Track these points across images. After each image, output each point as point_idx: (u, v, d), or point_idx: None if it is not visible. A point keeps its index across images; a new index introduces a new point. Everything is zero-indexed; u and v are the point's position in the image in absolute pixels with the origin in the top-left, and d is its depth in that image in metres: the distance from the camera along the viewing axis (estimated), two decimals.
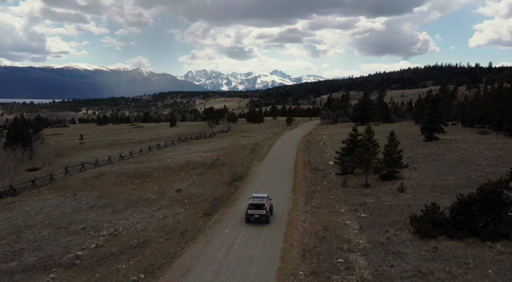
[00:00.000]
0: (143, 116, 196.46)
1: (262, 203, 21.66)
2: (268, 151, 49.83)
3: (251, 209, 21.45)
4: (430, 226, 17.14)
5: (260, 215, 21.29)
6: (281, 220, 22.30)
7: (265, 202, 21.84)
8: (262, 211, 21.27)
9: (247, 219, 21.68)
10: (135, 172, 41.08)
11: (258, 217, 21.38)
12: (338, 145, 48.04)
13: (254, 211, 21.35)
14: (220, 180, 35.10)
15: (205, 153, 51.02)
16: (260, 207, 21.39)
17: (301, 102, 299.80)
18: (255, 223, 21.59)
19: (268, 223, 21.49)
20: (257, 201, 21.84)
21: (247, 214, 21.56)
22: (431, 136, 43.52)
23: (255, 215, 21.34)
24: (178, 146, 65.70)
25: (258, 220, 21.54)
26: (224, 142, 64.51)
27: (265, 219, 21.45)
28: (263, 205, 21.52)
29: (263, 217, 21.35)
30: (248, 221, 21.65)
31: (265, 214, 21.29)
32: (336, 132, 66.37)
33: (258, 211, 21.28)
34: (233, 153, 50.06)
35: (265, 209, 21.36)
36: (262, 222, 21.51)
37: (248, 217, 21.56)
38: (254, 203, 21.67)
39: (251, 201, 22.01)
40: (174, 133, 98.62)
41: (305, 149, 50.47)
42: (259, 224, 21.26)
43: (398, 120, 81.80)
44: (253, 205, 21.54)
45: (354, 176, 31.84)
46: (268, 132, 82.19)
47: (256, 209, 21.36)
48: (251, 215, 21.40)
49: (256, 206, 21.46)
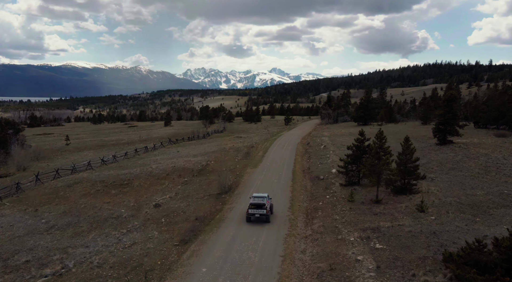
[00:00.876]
0: (139, 115, 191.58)
1: (262, 202, 21.97)
2: (263, 156, 45.30)
3: (252, 209, 21.78)
4: (474, 272, 12.65)
5: (261, 215, 21.63)
6: (275, 251, 17.80)
7: (265, 202, 22.16)
8: (263, 211, 21.62)
9: (248, 219, 21.96)
10: (114, 181, 36.55)
11: (258, 217, 21.71)
12: (341, 149, 43.69)
13: (254, 210, 21.68)
14: (207, 191, 30.61)
15: (195, 157, 46.48)
16: (260, 207, 21.72)
17: (300, 100, 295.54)
18: (239, 262, 17.10)
19: (268, 222, 21.77)
20: (258, 200, 22.16)
21: (248, 213, 21.85)
22: (444, 140, 39.05)
23: (256, 215, 21.67)
24: (168, 148, 61.14)
25: (258, 220, 21.78)
26: (217, 144, 59.99)
27: (266, 218, 21.80)
28: (264, 205, 21.84)
29: (263, 216, 21.69)
30: (249, 221, 21.92)
31: (266, 213, 21.66)
32: (337, 133, 61.87)
33: (259, 211, 21.61)
34: (225, 157, 45.54)
35: (265, 209, 21.71)
36: (262, 221, 21.78)
37: (249, 216, 21.87)
38: (254, 202, 21.98)
39: (252, 200, 22.28)
40: (167, 133, 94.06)
41: (305, 153, 45.97)
42: (246, 262, 16.63)
43: (402, 120, 77.31)
44: (253, 205, 21.84)
45: (361, 188, 27.37)
46: (265, 133, 77.64)
47: (257, 209, 21.67)
48: (252, 214, 21.74)
49: (256, 205, 21.78)
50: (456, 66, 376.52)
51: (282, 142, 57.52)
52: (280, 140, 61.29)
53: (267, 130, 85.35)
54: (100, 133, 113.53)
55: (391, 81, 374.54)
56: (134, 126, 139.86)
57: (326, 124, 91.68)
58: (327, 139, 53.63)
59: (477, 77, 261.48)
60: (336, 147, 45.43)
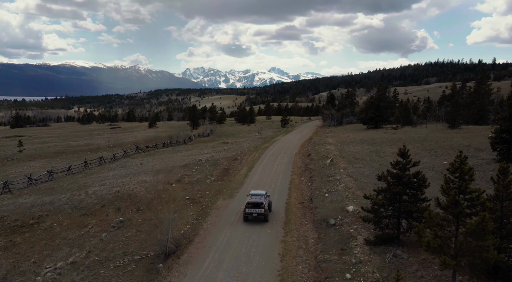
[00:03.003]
0: (127, 115, 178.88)
1: (260, 201, 20.83)
2: (247, 174, 32.90)
3: (249, 208, 20.63)
4: None
5: (259, 214, 20.49)
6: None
7: (263, 200, 20.99)
8: (261, 210, 20.48)
9: (245, 218, 20.78)
10: (17, 218, 24.28)
11: (256, 216, 20.56)
12: (355, 166, 31.45)
13: (252, 209, 20.53)
14: (142, 248, 18.35)
15: (156, 174, 34.15)
16: (258, 206, 20.64)
17: (299, 100, 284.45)
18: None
19: (267, 221, 20.51)
20: (255, 199, 21.02)
21: (245, 213, 20.67)
22: (510, 154, 26.69)
23: (253, 214, 20.51)
24: (132, 158, 48.84)
25: (256, 219, 20.60)
26: (194, 154, 47.71)
27: (264, 217, 20.64)
28: (262, 204, 20.75)
29: (261, 215, 20.54)
30: (246, 220, 20.71)
31: (264, 212, 20.48)
32: (345, 140, 49.56)
33: (257, 210, 20.48)
34: (196, 175, 33.22)
35: (263, 208, 20.59)
36: (260, 220, 20.60)
37: (246, 216, 20.67)
38: (252, 201, 20.86)
39: (249, 199, 21.16)
40: (145, 137, 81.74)
41: (304, 170, 33.60)
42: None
43: (420, 121, 64.97)
44: (251, 204, 20.77)
45: (405, 254, 15.13)
46: (257, 137, 65.31)
47: (254, 208, 20.56)
48: (249, 214, 20.56)
49: (254, 204, 20.71)
50: (458, 64, 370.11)
51: (276, 152, 45.16)
52: (274, 148, 48.97)
53: (260, 133, 73.00)
54: (75, 135, 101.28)
55: (392, 80, 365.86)
56: (117, 128, 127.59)
57: (329, 126, 79.39)
58: (334, 149, 41.35)
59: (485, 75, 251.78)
60: (347, 162, 33.12)
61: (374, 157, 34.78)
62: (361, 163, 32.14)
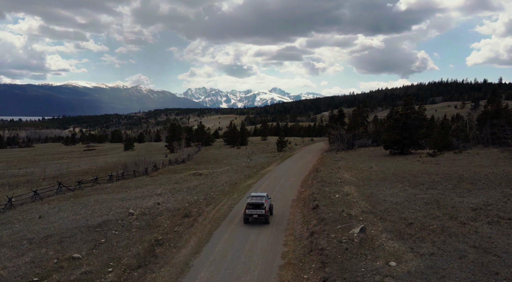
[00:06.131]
0: (111, 135, 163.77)
1: (261, 202, 20.74)
2: (191, 262, 16.13)
3: (249, 209, 20.54)
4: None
5: (259, 215, 20.31)
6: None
7: (264, 201, 20.87)
8: (261, 211, 20.32)
9: (245, 220, 20.67)
10: None
11: (257, 217, 20.37)
12: (417, 247, 14.38)
13: (252, 210, 20.41)
14: None
15: (26, 253, 17.56)
16: (259, 207, 20.53)
17: (300, 119, 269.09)
18: None
19: (268, 223, 20.34)
20: (256, 200, 20.84)
21: (246, 214, 20.58)
22: None
23: (254, 215, 20.37)
24: (43, 203, 32.08)
25: (257, 220, 20.40)
26: (138, 196, 31.11)
27: (265, 219, 20.45)
28: (262, 205, 20.66)
29: (262, 217, 20.36)
30: (247, 222, 20.61)
31: (264, 214, 20.32)
32: (368, 175, 32.99)
33: (257, 211, 20.32)
34: (80, 269, 16.52)
35: (264, 209, 20.42)
36: (261, 222, 20.45)
37: (247, 217, 20.56)
38: (252, 202, 20.76)
39: (250, 200, 21.05)
40: (107, 163, 65.44)
41: (309, 252, 16.77)
42: None
43: (464, 146, 48.35)
44: (251, 205, 20.69)
45: None
46: (244, 166, 48.81)
47: (255, 209, 20.44)
48: (250, 215, 20.45)
49: (254, 205, 20.63)
50: (463, 84, 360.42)
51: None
52: (261, 187, 32.34)
53: (250, 160, 56.58)
54: (33, 160, 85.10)
55: (395, 99, 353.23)
56: (92, 150, 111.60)
57: (338, 150, 62.97)
58: (356, 194, 24.70)
59: (495, 94, 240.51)
60: (394, 234, 16.38)
61: (443, 218, 18.09)
62: (425, 240, 15.34)
